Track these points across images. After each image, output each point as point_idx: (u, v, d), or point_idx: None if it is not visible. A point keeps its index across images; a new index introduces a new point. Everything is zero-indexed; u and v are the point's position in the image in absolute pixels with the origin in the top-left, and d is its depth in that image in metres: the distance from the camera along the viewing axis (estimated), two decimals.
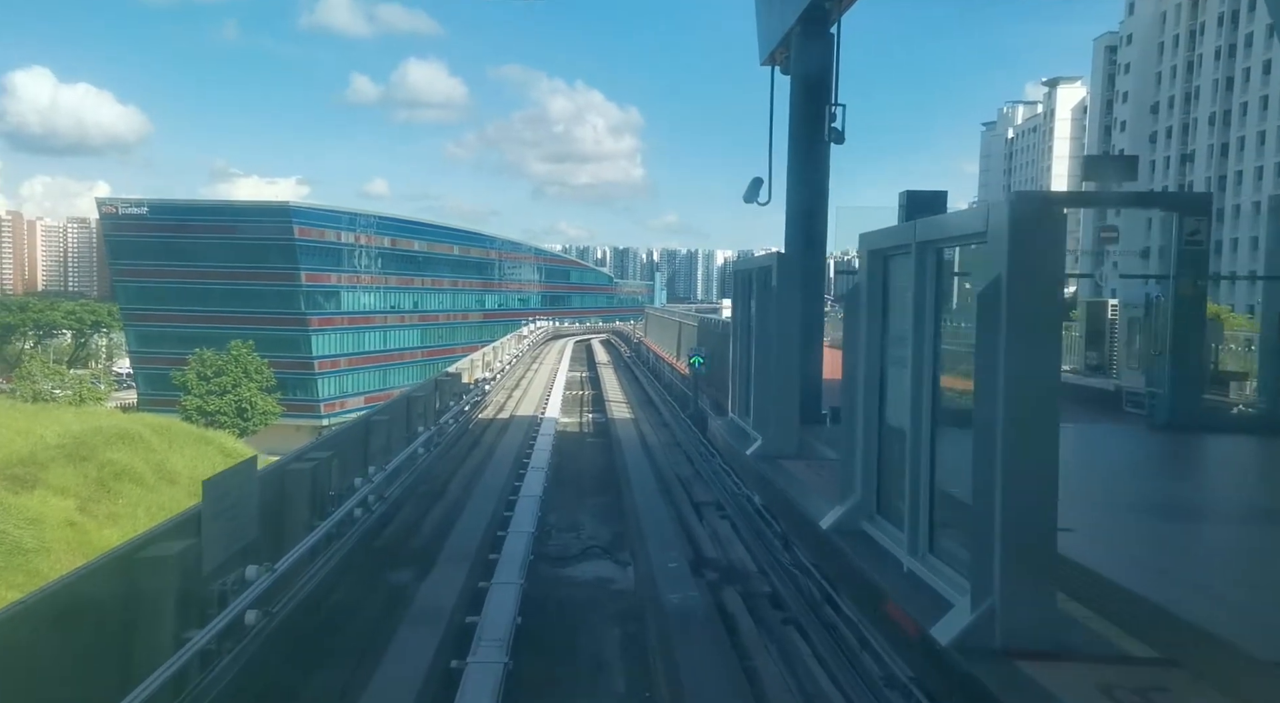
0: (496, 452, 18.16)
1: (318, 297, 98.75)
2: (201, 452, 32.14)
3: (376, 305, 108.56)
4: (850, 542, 6.34)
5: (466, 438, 19.23)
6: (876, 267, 6.35)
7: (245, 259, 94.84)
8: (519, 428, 21.30)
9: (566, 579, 11.13)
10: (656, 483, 16.42)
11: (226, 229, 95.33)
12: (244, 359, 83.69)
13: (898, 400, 6.12)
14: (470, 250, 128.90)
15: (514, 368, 35.41)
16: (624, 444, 19.93)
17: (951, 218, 5.16)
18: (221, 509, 7.72)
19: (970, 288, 5.19)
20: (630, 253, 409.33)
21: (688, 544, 12.15)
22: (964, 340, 4.90)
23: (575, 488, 16.48)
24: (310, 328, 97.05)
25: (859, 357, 6.45)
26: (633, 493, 15.56)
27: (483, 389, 24.35)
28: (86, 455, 24.40)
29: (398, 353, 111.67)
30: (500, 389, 28.73)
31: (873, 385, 6.33)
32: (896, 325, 6.21)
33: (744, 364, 11.35)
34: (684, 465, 17.43)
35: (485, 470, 16.31)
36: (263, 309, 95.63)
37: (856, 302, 6.54)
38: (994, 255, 4.31)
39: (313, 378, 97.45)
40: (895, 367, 6.19)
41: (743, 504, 12.73)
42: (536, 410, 24.49)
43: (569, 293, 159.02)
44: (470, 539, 11.58)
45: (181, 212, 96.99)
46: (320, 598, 8.69)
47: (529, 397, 27.89)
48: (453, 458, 17.17)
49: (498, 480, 15.68)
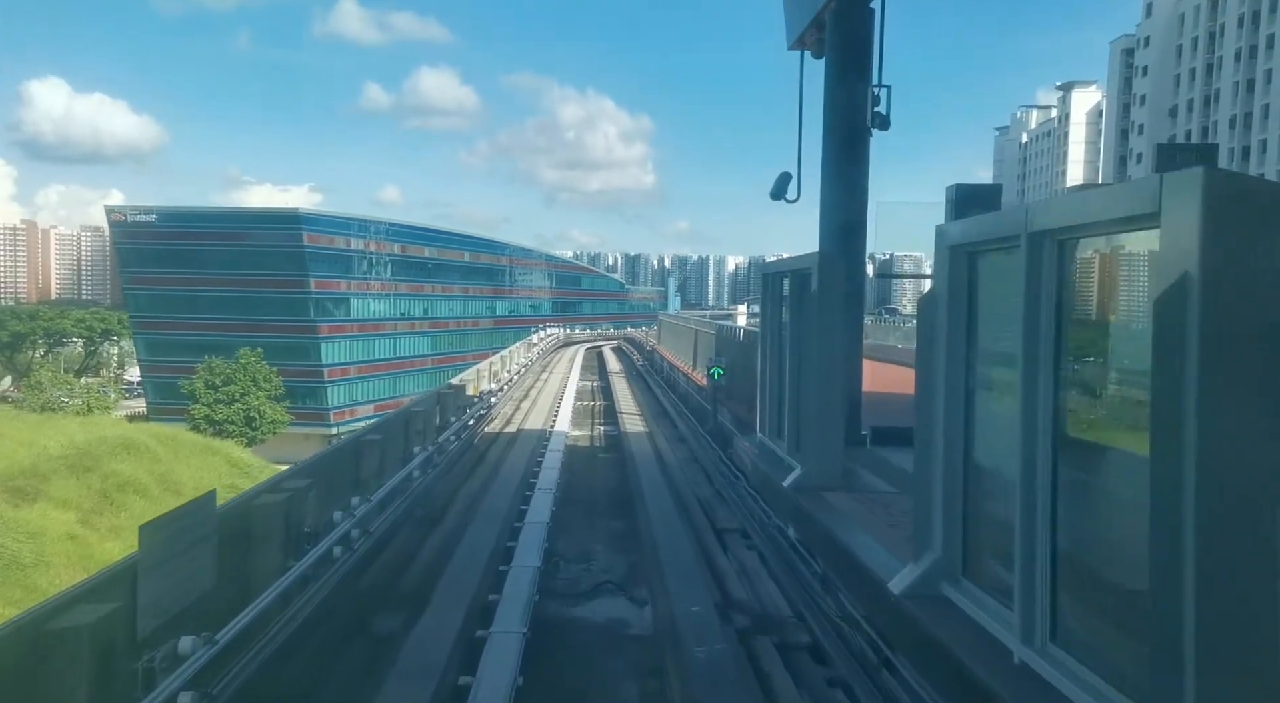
0: (502, 470, 16.89)
1: (327, 304, 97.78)
2: (207, 462, 31.70)
3: (386, 313, 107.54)
4: (927, 609, 5.05)
5: (470, 455, 17.97)
6: (960, 267, 5.06)
7: (255, 266, 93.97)
8: (526, 443, 20.04)
9: (576, 622, 9.84)
10: (674, 505, 15.12)
11: (236, 236, 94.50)
12: (252, 367, 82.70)
13: (992, 434, 4.84)
14: (481, 257, 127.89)
15: (523, 377, 34.17)
16: (638, 460, 18.64)
17: (1092, 197, 3.89)
18: (165, 559, 6.45)
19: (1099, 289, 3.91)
20: (641, 259, 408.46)
21: (712, 580, 10.84)
22: (1113, 360, 3.62)
23: (586, 510, 15.19)
24: (320, 336, 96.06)
25: (936, 377, 5.16)
26: (649, 516, 14.26)
27: (489, 401, 23.11)
28: (90, 467, 23.91)
29: (408, 360, 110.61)
30: (508, 400, 27.50)
31: (955, 414, 5.04)
32: (988, 339, 4.93)
33: (775, 378, 10.05)
34: (703, 485, 16.13)
35: (488, 492, 15.03)
36: (272, 317, 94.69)
37: (933, 310, 5.25)
38: (1174, 247, 3.03)
39: (322, 386, 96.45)
40: (987, 391, 4.90)
41: (773, 535, 11.43)
42: (545, 423, 23.23)
43: (580, 300, 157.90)
44: (469, 576, 10.29)
45: (191, 219, 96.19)
46: (285, 658, 7.41)
47: (538, 408, 26.64)
48: (454, 477, 15.92)
49: (501, 504, 14.40)
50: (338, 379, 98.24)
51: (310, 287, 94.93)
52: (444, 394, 18.27)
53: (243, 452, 47.46)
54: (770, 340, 10.24)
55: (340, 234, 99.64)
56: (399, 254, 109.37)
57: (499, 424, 23.11)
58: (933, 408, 5.19)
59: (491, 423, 22.55)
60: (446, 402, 17.95)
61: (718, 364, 16.81)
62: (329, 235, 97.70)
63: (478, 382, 24.01)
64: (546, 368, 42.20)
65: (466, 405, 19.98)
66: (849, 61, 10.47)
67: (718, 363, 16.85)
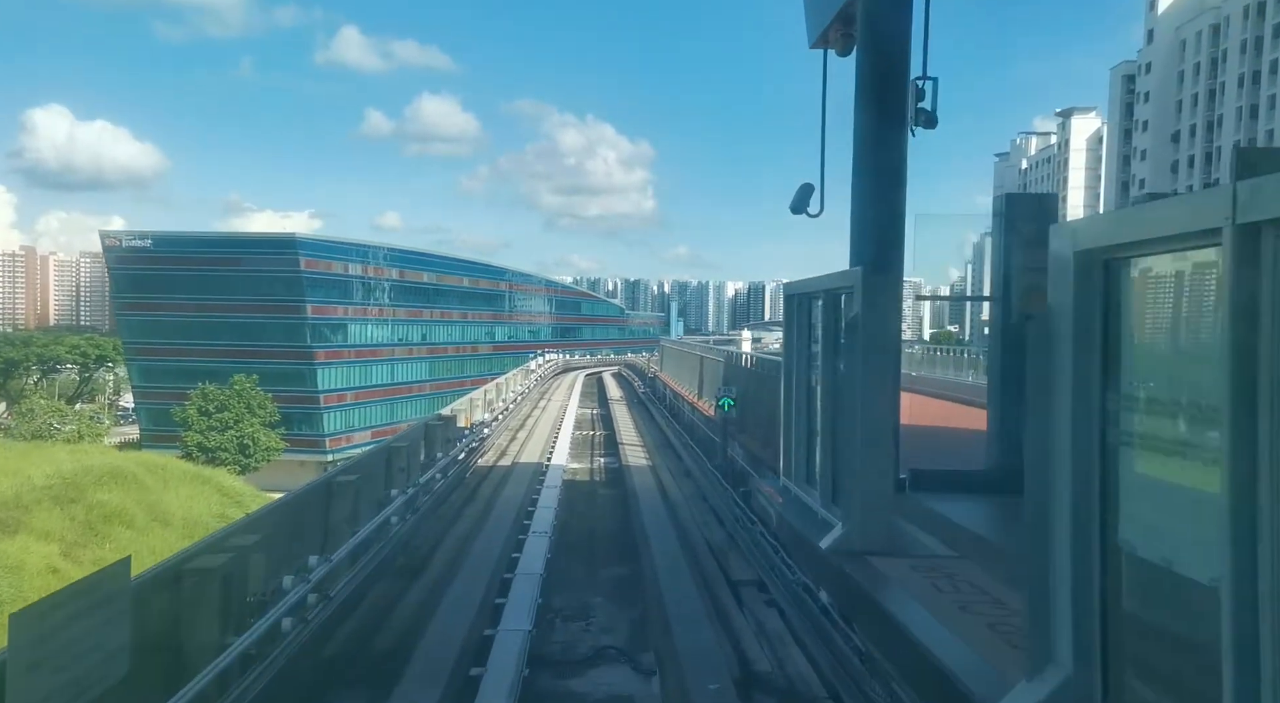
0: (494, 509, 15.47)
1: (324, 330, 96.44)
2: (197, 491, 30.52)
3: (384, 338, 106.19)
4: None
5: (459, 493, 16.55)
6: (1091, 276, 3.71)
7: (251, 291, 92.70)
8: (521, 478, 18.63)
9: (571, 698, 8.42)
10: (682, 549, 13.70)
11: (232, 262, 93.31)
12: (247, 394, 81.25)
13: (1153, 505, 3.50)
14: (480, 282, 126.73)
15: (519, 405, 32.82)
16: (641, 497, 17.25)
17: None
18: (52, 652, 5.06)
19: None
20: (641, 284, 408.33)
21: (729, 646, 9.43)
22: None
23: (585, 555, 13.76)
24: (316, 361, 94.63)
25: (1059, 428, 3.81)
26: (654, 563, 12.85)
27: (481, 434, 21.71)
28: (74, 497, 23.08)
29: (406, 386, 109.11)
30: (503, 430, 26.12)
31: (1087, 478, 3.67)
32: (1141, 376, 3.58)
33: (803, 415, 8.67)
34: (713, 527, 14.71)
35: (478, 536, 13.62)
36: (268, 343, 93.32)
37: (1048, 337, 3.90)
38: None
39: (318, 412, 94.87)
40: (1139, 449, 3.55)
41: (797, 593, 10.01)
42: (542, 456, 21.84)
43: (580, 325, 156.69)
44: (448, 645, 8.86)
45: (186, 244, 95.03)
46: None
47: (535, 438, 25.26)
48: (441, 519, 14.49)
49: (492, 549, 12.99)
50: (334, 405, 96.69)
51: (307, 312, 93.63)
52: (432, 427, 16.87)
53: (234, 480, 46.19)
54: (797, 371, 8.87)
55: (338, 259, 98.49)
56: (397, 279, 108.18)
57: (492, 457, 21.70)
58: (1053, 469, 3.82)
59: (484, 455, 21.15)
60: (434, 435, 16.56)
61: (727, 395, 15.44)
62: (326, 260, 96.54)
63: (470, 412, 22.61)
64: (545, 395, 40.82)
65: (457, 438, 18.58)
66: (883, 54, 9.18)
67: (727, 393, 15.48)
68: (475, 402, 23.89)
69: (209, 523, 25.41)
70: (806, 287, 8.32)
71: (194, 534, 23.33)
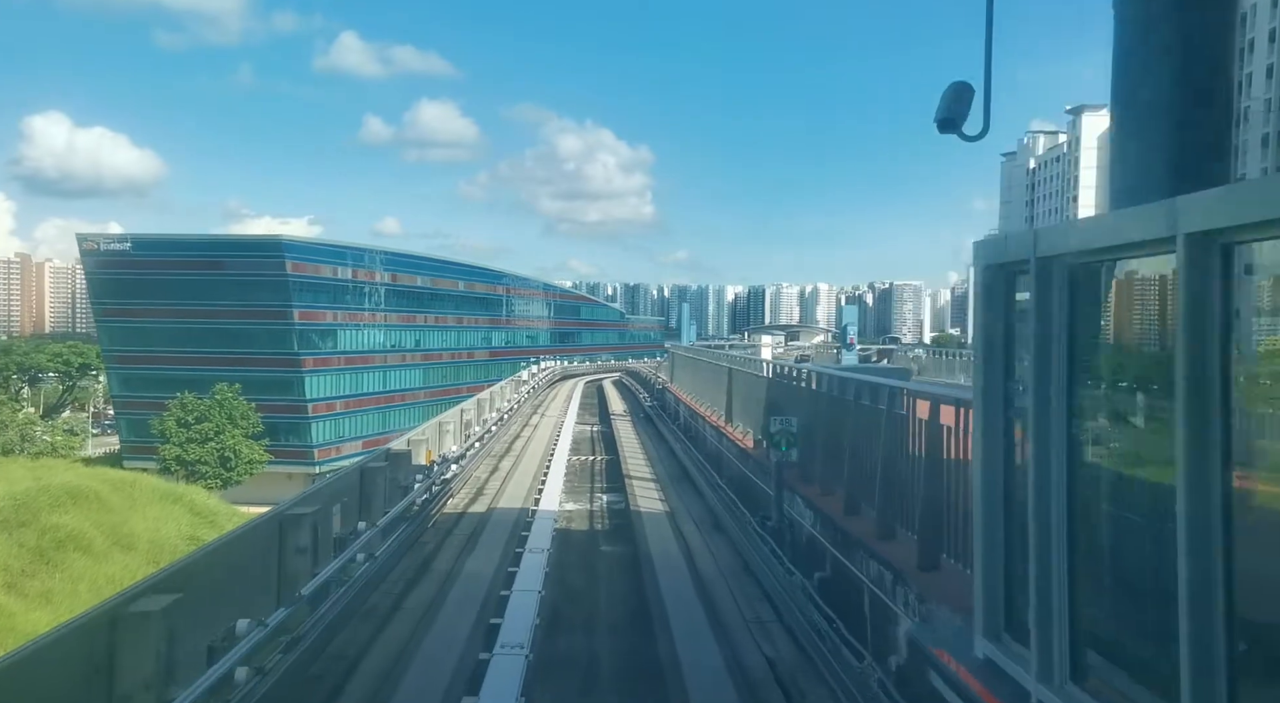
0: (448, 599, 10.55)
1: (312, 336, 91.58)
2: (167, 511, 28.71)
3: (376, 344, 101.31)
4: None
5: (400, 571, 11.59)
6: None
7: (235, 296, 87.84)
8: (496, 536, 13.76)
9: None
10: (727, 666, 8.85)
11: (215, 265, 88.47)
12: (228, 404, 76.33)
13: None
14: (476, 286, 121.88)
15: (506, 424, 28.06)
16: (659, 565, 12.39)
17: None
18: None
19: None
20: (641, 289, 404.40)
21: None
22: None
23: (582, 675, 8.96)
24: (304, 369, 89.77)
25: None
26: (686, 692, 8.10)
27: (448, 470, 16.79)
28: (26, 521, 21.51)
29: (399, 394, 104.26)
30: (484, 458, 21.29)
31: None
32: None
33: (1035, 487, 3.77)
34: (777, 635, 9.67)
35: (411, 663, 8.69)
36: (253, 349, 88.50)
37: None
38: None
39: (306, 422, 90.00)
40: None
41: None
42: (528, 497, 16.96)
43: (579, 330, 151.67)
44: None
45: (167, 247, 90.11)
46: None
47: (521, 469, 20.44)
48: (367, 620, 9.62)
49: (437, 681, 8.15)
50: (323, 415, 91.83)
51: (294, 317, 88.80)
52: (371, 472, 11.96)
53: (209, 498, 41.40)
54: (996, 399, 4.08)
55: (326, 262, 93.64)
56: (389, 283, 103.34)
57: (462, 500, 16.82)
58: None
59: (450, 500, 16.27)
60: (373, 486, 11.67)
61: (784, 430, 10.58)
62: (314, 264, 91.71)
63: (438, 440, 17.69)
64: (539, 409, 35.98)
65: (411, 482, 13.69)
66: None
67: (784, 429, 10.61)
68: (446, 426, 18.86)
69: (178, 546, 23.62)
70: (1060, 241, 3.53)
71: (160, 559, 21.53)
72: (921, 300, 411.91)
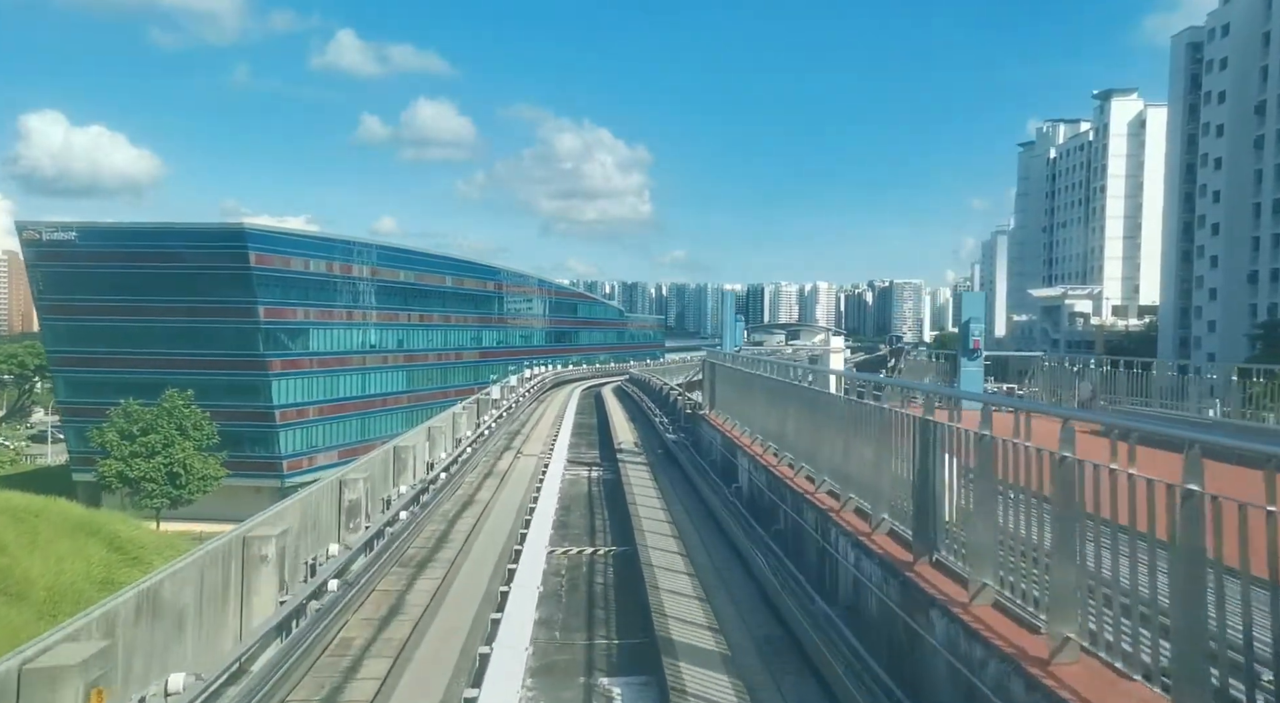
0: None
1: (280, 335, 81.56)
2: (79, 547, 24.13)
3: (354, 344, 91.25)
4: None
5: None
6: None
7: (194, 292, 77.78)
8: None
9: None
10: None
11: (171, 257, 78.36)
12: (178, 413, 66.34)
13: None
14: (465, 281, 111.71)
15: (462, 470, 18.27)
16: None
17: None
18: None
19: None
20: (639, 287, 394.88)
21: None
22: None
23: None
24: (270, 372, 79.77)
25: None
26: None
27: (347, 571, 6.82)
28: None
29: (380, 399, 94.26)
30: (429, 521, 11.49)
31: None
32: None
33: None
34: None
35: None
36: (214, 351, 78.55)
37: None
38: None
39: (274, 431, 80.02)
40: None
41: None
42: (461, 680, 7.14)
43: (576, 329, 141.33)
44: None
45: (117, 237, 79.94)
46: None
47: (467, 579, 10.71)
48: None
49: None
50: (293, 422, 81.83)
51: (259, 315, 78.79)
52: None
53: (136, 528, 33.64)
54: None
55: (297, 254, 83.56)
56: (369, 277, 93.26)
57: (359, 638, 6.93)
58: None
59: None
60: None
61: None
62: (282, 256, 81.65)
63: (304, 539, 7.79)
64: (514, 441, 26.07)
65: None
66: None
67: None
68: (364, 482, 9.07)
69: (86, 592, 19.66)
70: None
71: (59, 611, 17.99)
72: (921, 299, 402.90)
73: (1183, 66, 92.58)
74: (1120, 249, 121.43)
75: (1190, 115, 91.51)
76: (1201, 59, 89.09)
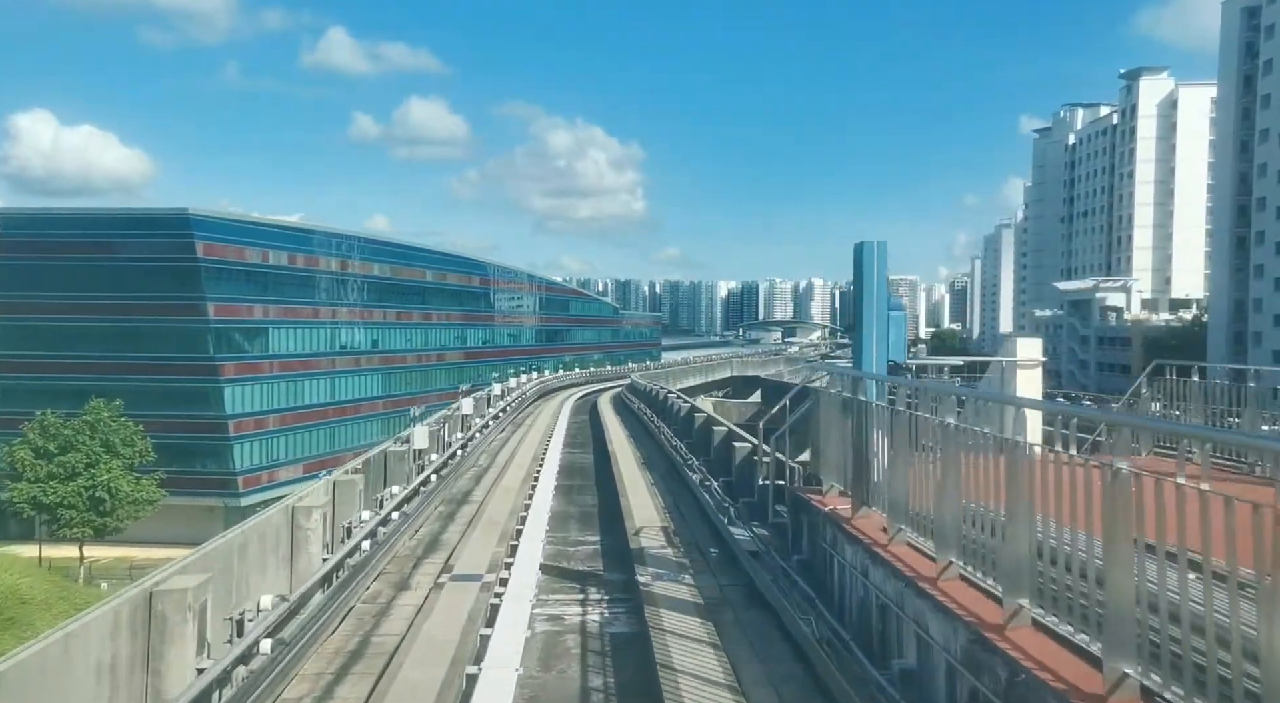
0: None
1: (233, 335, 71.18)
2: None
3: (320, 345, 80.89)
4: None
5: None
6: None
7: (132, 287, 67.32)
8: None
9: None
10: None
11: (106, 248, 67.84)
12: (104, 426, 55.95)
13: None
14: (448, 276, 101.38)
15: (390, 547, 8.35)
16: None
17: None
18: None
19: None
20: (632, 285, 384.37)
21: None
22: None
23: None
24: (222, 377, 69.38)
25: None
26: None
27: None
28: None
29: (352, 405, 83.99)
30: None
31: None
32: None
33: None
34: None
35: None
36: (157, 353, 68.09)
37: None
38: None
39: (226, 443, 69.58)
40: None
41: None
42: None
43: (569, 327, 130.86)
44: None
45: (45, 224, 69.34)
46: None
47: None
48: None
49: None
50: (249, 434, 71.41)
51: (208, 313, 68.37)
52: None
53: (22, 576, 28.32)
54: None
55: (253, 245, 73.10)
56: (337, 271, 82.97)
57: None
58: None
59: None
60: None
61: None
62: (236, 246, 71.20)
63: None
64: (483, 476, 15.85)
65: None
66: None
67: None
68: None
69: None
70: None
71: None
72: (917, 295, 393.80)
73: (1236, 34, 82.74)
74: (1150, 238, 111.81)
75: (1245, 87, 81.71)
76: (1259, 25, 79.34)
